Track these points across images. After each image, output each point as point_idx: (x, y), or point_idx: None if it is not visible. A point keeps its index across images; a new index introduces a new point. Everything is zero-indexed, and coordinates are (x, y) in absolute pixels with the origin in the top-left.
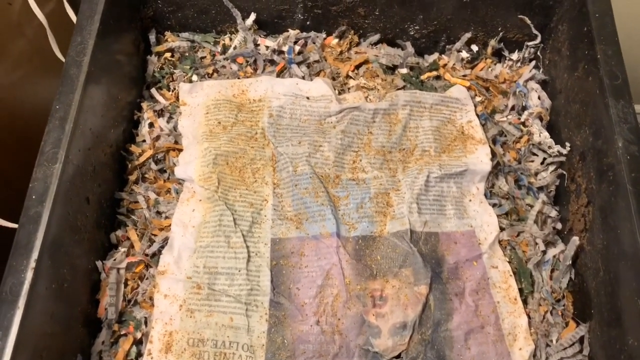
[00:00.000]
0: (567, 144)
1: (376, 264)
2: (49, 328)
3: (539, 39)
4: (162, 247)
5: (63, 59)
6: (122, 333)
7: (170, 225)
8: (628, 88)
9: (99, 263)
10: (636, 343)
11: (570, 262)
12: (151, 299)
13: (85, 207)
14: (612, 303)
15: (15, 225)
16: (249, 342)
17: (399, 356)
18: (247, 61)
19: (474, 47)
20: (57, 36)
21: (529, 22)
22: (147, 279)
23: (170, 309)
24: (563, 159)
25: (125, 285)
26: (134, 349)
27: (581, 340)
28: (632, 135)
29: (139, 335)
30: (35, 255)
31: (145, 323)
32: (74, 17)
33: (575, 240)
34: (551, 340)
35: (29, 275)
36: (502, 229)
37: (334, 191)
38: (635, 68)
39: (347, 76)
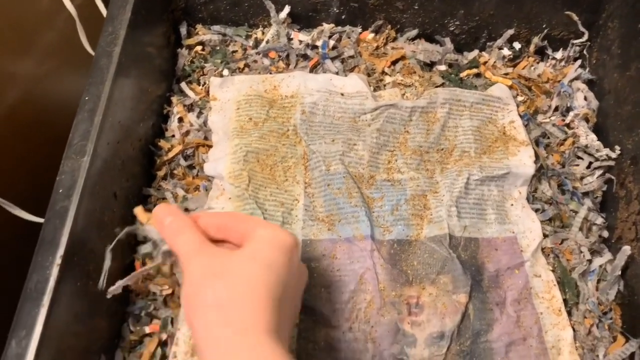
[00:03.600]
0: (617, 147)
1: (412, 270)
2: (73, 327)
3: (585, 37)
4: None
5: (92, 53)
6: (147, 332)
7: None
8: None
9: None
10: None
11: (620, 273)
12: (179, 298)
13: (112, 203)
14: None
15: (41, 220)
16: None
17: None
18: (279, 56)
19: (516, 45)
20: (86, 29)
21: (576, 18)
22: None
23: None
24: (612, 163)
25: None
26: (159, 350)
27: (631, 356)
28: None
29: (164, 336)
30: (61, 251)
31: (172, 323)
32: (103, 11)
33: (626, 249)
34: (597, 356)
35: (54, 272)
36: (545, 236)
37: (368, 192)
38: None
39: (383, 72)
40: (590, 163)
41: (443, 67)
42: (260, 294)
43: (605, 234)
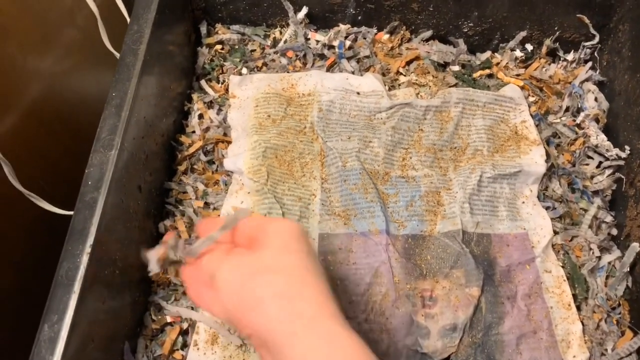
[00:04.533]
0: (627, 147)
1: (426, 264)
2: (100, 315)
3: (596, 39)
4: None
5: (113, 50)
6: (168, 321)
7: (218, 217)
8: None
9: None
10: None
11: (628, 270)
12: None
13: (137, 195)
14: None
15: (67, 212)
16: None
17: (448, 358)
18: (296, 55)
19: (529, 46)
20: (107, 27)
21: (587, 21)
22: None
23: None
24: (622, 162)
25: (175, 274)
26: (180, 339)
27: (639, 350)
28: None
29: (185, 325)
30: (90, 240)
31: None
32: (123, 9)
33: (635, 247)
34: (606, 350)
35: (84, 260)
36: (555, 233)
37: (383, 188)
38: None
39: (398, 72)
40: (600, 162)
41: (456, 68)
42: (314, 281)
43: (615, 231)
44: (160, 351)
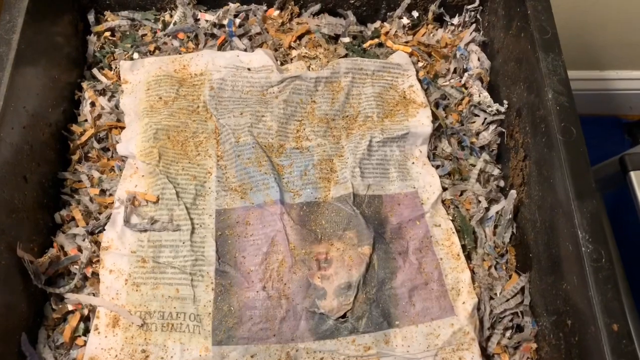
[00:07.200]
0: (505, 102)
1: (321, 229)
2: None
3: (477, 2)
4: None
5: None
6: (69, 309)
7: (113, 202)
8: (557, 41)
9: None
10: (569, 287)
11: (512, 217)
12: (98, 275)
13: (22, 186)
14: (549, 251)
15: None
16: (196, 312)
17: (344, 316)
18: (188, 36)
19: (415, 13)
20: None
21: None
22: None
23: (116, 284)
24: (502, 117)
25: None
26: (82, 325)
27: (522, 290)
28: (562, 86)
29: (86, 311)
30: None
31: None
32: None
33: (512, 193)
34: (495, 293)
35: None
36: (445, 189)
37: (277, 160)
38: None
39: (290, 47)
40: (485, 119)
41: (347, 39)
42: None
43: (502, 183)
44: (62, 340)
